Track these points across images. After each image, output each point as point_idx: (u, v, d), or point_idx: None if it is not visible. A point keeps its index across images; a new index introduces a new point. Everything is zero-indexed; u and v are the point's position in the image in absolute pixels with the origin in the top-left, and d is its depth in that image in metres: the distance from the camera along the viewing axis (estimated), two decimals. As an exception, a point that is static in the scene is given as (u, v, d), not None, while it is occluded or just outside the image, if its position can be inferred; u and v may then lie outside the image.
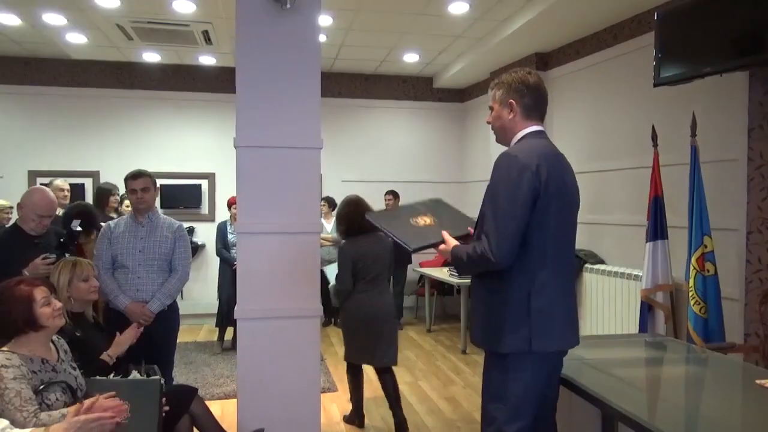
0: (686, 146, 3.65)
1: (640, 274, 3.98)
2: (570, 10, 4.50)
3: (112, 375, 2.61)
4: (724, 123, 3.63)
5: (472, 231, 2.10)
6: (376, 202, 7.09)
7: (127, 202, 4.56)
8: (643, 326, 3.90)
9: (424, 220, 2.26)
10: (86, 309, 2.76)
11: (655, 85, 3.65)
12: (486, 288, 1.98)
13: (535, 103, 2.01)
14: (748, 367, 2.59)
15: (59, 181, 4.57)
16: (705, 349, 2.97)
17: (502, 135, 2.08)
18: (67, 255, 2.87)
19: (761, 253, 3.32)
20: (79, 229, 3.15)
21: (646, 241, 3.90)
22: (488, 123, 2.13)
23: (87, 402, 1.81)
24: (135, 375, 2.56)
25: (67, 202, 4.57)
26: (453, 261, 2.03)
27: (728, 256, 3.57)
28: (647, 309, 3.92)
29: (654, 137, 3.89)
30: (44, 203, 3.10)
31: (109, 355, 2.56)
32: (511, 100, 2.00)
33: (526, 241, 1.86)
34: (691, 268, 3.55)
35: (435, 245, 2.13)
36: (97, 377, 2.34)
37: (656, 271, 3.86)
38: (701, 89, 3.66)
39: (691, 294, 3.54)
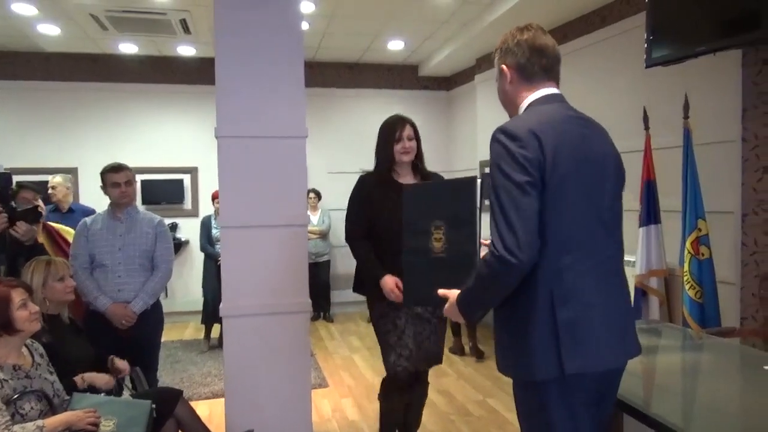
0: (679, 128, 3.58)
1: (634, 259, 3.92)
2: (557, -7, 4.41)
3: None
4: (718, 104, 3.57)
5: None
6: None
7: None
8: (638, 312, 3.84)
9: (438, 233, 1.67)
10: (62, 311, 2.63)
11: (647, 66, 3.57)
12: (504, 304, 1.54)
13: (530, 62, 1.61)
14: (749, 351, 2.54)
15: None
16: (702, 334, 2.91)
17: (507, 109, 1.71)
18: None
19: (757, 235, 3.27)
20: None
21: (639, 227, 3.84)
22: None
23: None
24: (126, 395, 2.47)
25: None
26: (462, 309, 1.58)
27: (723, 239, 3.52)
28: (641, 295, 3.87)
29: (645, 120, 3.83)
30: None
31: (83, 378, 2.42)
32: (503, 66, 1.64)
33: (540, 235, 1.45)
34: (686, 252, 3.49)
35: (437, 304, 1.67)
36: (87, 393, 2.24)
37: (650, 256, 3.81)
38: (694, 70, 3.58)
39: (686, 278, 3.48)
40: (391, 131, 2.69)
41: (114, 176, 3.09)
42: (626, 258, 4.06)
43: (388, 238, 2.51)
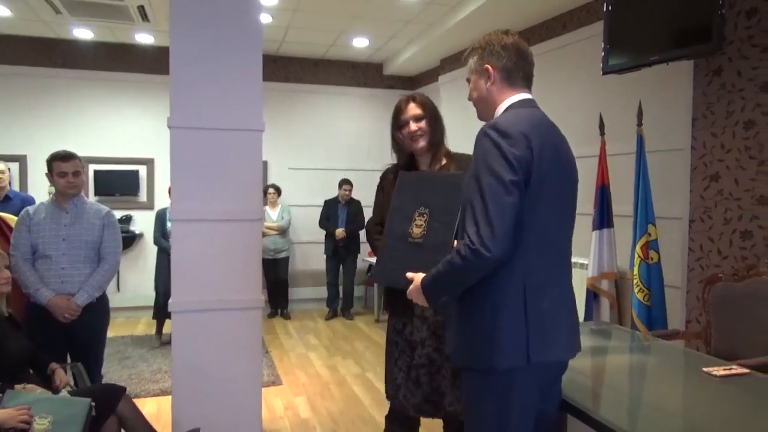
0: (633, 135, 3.67)
1: (586, 262, 4.00)
2: (520, -3, 4.46)
3: (31, 372, 2.41)
4: (670, 112, 3.67)
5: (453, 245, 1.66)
6: (326, 191, 6.94)
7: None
8: (589, 314, 3.93)
9: (420, 220, 1.78)
10: (-1, 303, 2.51)
11: (603, 74, 3.65)
12: (471, 294, 1.57)
13: (516, 66, 1.67)
14: (691, 354, 2.61)
15: None
16: (649, 336, 2.99)
17: (483, 109, 1.73)
18: None
19: (703, 240, 3.37)
20: None
21: (593, 230, 3.92)
22: (469, 100, 1.77)
23: None
24: (65, 393, 2.36)
25: None
26: (427, 292, 1.61)
27: (671, 244, 3.62)
28: (593, 297, 3.95)
29: (601, 126, 3.91)
30: None
31: (25, 387, 2.27)
32: (487, 65, 1.68)
33: (517, 231, 1.50)
34: (636, 256, 3.58)
35: (403, 285, 1.71)
36: (23, 390, 2.13)
37: (602, 259, 3.89)
38: (648, 79, 3.68)
39: (635, 282, 3.57)
40: (395, 116, 2.29)
41: (62, 165, 2.97)
42: (579, 260, 4.20)
43: None
